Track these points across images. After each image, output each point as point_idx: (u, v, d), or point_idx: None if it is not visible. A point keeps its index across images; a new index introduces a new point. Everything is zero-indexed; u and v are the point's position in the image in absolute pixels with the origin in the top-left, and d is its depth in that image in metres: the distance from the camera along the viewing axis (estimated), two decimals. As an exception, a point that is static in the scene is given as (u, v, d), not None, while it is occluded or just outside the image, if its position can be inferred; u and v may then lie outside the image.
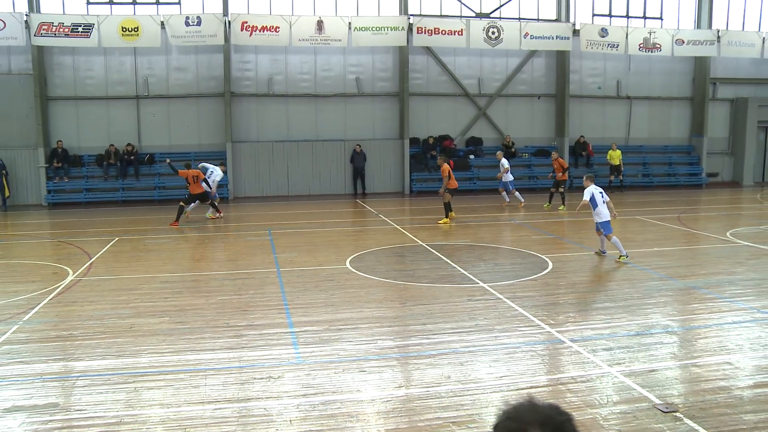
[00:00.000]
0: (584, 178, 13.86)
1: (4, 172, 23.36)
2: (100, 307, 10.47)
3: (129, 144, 24.37)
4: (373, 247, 15.02)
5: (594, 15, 27.70)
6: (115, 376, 7.59)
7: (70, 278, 12.44)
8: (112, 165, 24.22)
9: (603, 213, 13.18)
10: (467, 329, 8.94)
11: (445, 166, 18.53)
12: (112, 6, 23.98)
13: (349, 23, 23.96)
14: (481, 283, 11.39)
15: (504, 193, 21.71)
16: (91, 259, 14.18)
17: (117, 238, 16.67)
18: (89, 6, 23.92)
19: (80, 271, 13.07)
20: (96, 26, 22.59)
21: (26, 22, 22.54)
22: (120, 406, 6.81)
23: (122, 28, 22.71)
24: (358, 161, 25.13)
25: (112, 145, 24.30)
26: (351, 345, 8.43)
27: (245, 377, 7.46)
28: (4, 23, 22.30)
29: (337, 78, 25.90)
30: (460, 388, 7.01)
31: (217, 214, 19.39)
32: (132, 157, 24.18)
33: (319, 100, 25.80)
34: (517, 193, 21.65)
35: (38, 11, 23.36)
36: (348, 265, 13.06)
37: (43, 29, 22.50)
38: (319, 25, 23.60)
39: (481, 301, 10.31)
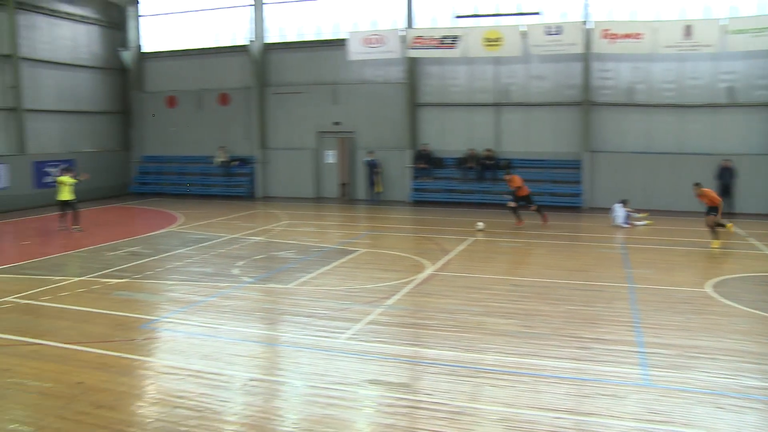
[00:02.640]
0: None
1: (377, 170, 26.14)
2: (452, 302, 11.08)
3: (488, 149, 25.42)
4: (739, 273, 13.54)
5: None
6: (462, 368, 7.95)
7: (428, 272, 13.37)
8: (471, 168, 25.48)
9: None
10: None
11: (707, 191, 16.71)
12: (477, 18, 25.19)
13: (723, 26, 21.91)
14: None
15: None
16: (447, 256, 15.08)
17: (473, 239, 17.48)
18: (456, 19, 25.50)
19: (437, 265, 13.97)
20: (462, 38, 24.00)
21: (402, 37, 24.81)
22: (464, 398, 7.12)
23: (485, 39, 23.75)
24: (725, 177, 22.89)
25: (471, 149, 25.59)
26: (707, 376, 7.72)
27: (588, 391, 7.28)
28: (386, 39, 24.88)
29: (706, 87, 23.88)
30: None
31: (522, 222, 19.65)
32: (490, 162, 25.15)
33: (683, 110, 24.09)
34: None
35: (412, 27, 25.57)
36: (708, 289, 11.98)
37: (416, 42, 24.58)
38: (687, 30, 21.98)
39: None
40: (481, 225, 18.88)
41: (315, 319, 10.09)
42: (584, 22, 23.30)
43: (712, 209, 16.50)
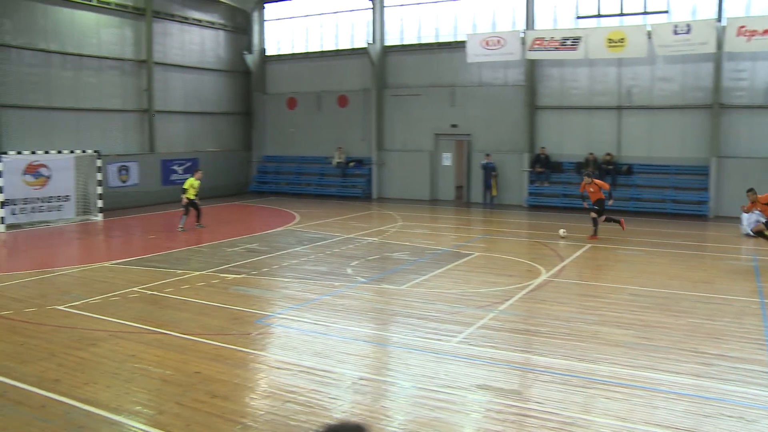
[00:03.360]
0: None
1: (494, 173, 25.85)
2: (567, 309, 10.78)
3: (608, 153, 24.58)
4: None
5: None
6: (574, 378, 7.71)
7: (542, 278, 13.07)
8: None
9: None
10: None
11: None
12: (600, 19, 24.41)
13: None
14: None
15: None
16: (563, 262, 14.69)
17: (589, 245, 16.96)
18: (578, 20, 24.81)
19: (552, 272, 13.63)
20: (583, 39, 23.29)
21: (522, 38, 24.37)
22: (576, 408, 6.89)
23: (608, 39, 22.91)
24: None
25: (591, 153, 24.82)
26: None
27: (710, 410, 6.86)
28: (505, 41, 24.52)
29: None
30: None
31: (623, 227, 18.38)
32: (610, 167, 24.31)
33: (828, 111, 22.36)
34: None
35: (532, 28, 25.10)
36: None
37: (536, 44, 24.08)
38: (843, 21, 20.32)
39: None
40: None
41: (426, 321, 10.07)
42: (717, 20, 22.05)
43: None
